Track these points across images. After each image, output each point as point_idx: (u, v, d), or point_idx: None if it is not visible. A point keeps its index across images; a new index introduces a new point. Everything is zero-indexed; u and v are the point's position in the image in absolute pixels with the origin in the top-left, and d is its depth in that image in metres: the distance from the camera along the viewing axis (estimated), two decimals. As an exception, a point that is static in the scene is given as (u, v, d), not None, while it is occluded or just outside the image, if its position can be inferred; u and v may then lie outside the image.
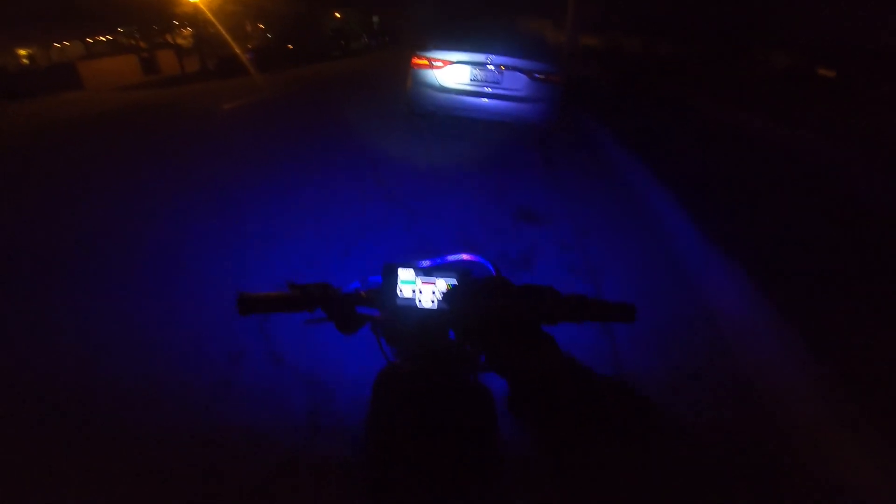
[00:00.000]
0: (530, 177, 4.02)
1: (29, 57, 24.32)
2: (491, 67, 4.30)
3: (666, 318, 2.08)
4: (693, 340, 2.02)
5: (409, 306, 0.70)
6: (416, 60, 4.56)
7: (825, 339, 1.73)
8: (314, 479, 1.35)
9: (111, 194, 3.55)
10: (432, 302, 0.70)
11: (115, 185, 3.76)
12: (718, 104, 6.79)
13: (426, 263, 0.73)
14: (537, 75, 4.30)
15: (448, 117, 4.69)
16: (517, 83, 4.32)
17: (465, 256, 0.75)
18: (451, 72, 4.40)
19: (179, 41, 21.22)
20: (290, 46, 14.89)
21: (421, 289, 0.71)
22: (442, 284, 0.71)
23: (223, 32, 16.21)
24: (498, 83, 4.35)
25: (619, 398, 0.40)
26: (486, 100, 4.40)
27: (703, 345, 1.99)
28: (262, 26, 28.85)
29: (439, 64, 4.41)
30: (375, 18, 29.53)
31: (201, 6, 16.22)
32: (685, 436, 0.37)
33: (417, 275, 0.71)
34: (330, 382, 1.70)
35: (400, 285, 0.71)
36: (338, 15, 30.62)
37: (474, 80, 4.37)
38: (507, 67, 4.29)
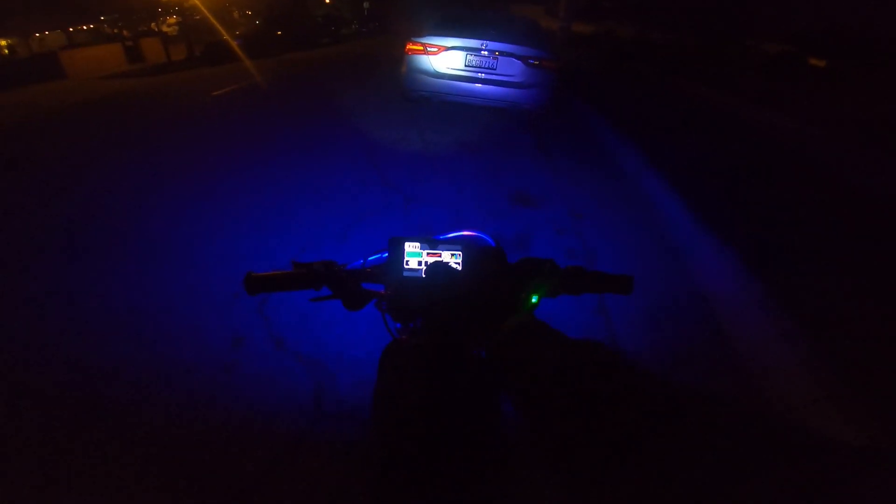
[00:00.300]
0: (525, 160, 4.03)
1: (9, 47, 23.59)
2: (485, 53, 4.27)
3: (658, 294, 2.13)
4: (684, 314, 2.07)
5: (415, 277, 0.71)
6: (410, 46, 4.51)
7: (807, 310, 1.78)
8: (319, 462, 1.36)
9: (101, 182, 3.49)
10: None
11: (103, 172, 3.70)
12: (709, 91, 6.81)
13: (430, 238, 0.74)
14: (532, 61, 4.28)
15: (443, 103, 4.66)
16: (512, 69, 4.30)
17: (465, 232, 0.76)
18: (446, 58, 4.36)
19: (164, 29, 20.68)
20: (279, 33, 14.52)
21: (427, 261, 0.72)
22: (447, 257, 0.73)
23: (210, 18, 15.83)
24: (493, 69, 4.32)
25: (590, 358, 0.42)
26: (480, 85, 4.38)
27: (694, 318, 2.04)
28: (249, 12, 28.15)
29: (434, 50, 4.37)
30: (366, 4, 28.94)
31: (186, -8, 15.83)
32: (658, 393, 0.38)
33: (423, 248, 0.72)
34: (332, 365, 1.72)
35: (406, 258, 0.72)
36: (327, 0, 29.99)
37: (469, 66, 4.34)
38: (501, 53, 4.26)
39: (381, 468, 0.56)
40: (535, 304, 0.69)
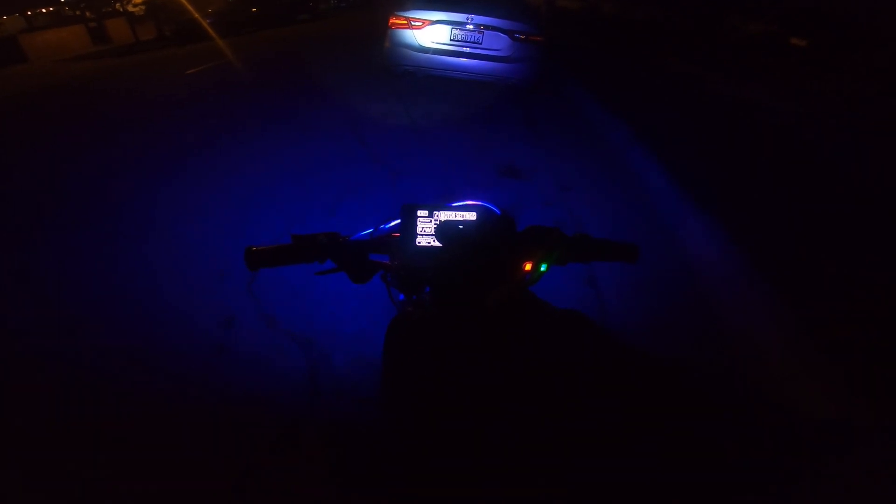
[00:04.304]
0: (511, 134, 4.00)
1: (-37, 33, 22.05)
2: (471, 27, 4.18)
3: (646, 262, 2.15)
4: (668, 282, 2.11)
5: (429, 246, 0.69)
6: (394, 20, 4.37)
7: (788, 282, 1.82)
8: (319, 441, 1.35)
9: (76, 162, 3.33)
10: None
11: (79, 152, 3.52)
12: (691, 68, 6.83)
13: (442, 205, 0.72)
14: (518, 35, 4.20)
15: (428, 78, 4.57)
16: (498, 43, 4.22)
17: (470, 202, 0.74)
18: (431, 32, 4.25)
19: (130, 9, 19.62)
20: (253, 10, 13.88)
21: (441, 219, 0.70)
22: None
23: (179, -3, 15.04)
24: (478, 43, 4.23)
25: (571, 327, 0.42)
26: (466, 59, 4.29)
27: (678, 286, 2.08)
28: (221, -10, 26.73)
29: (418, 24, 4.25)
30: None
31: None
32: (635, 363, 0.39)
33: (435, 214, 0.70)
34: (325, 342, 1.70)
35: (419, 224, 0.69)
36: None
37: (454, 40, 4.24)
38: (487, 27, 4.17)
39: (392, 444, 0.54)
40: (543, 273, 0.68)
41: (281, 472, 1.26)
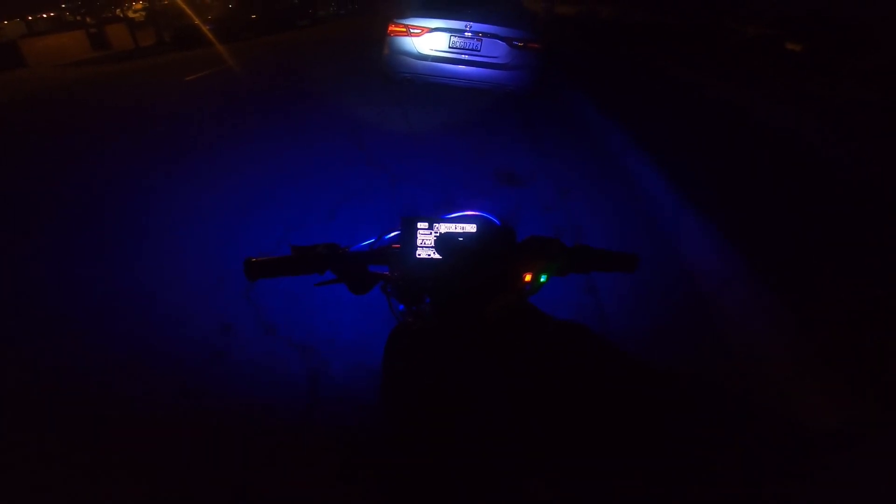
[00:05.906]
0: (509, 140, 4.01)
1: (-36, 37, 22.11)
2: (469, 35, 4.20)
3: (645, 269, 2.15)
4: (669, 287, 2.11)
5: (429, 258, 0.69)
6: (392, 28, 4.39)
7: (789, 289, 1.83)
8: (320, 446, 1.34)
9: (73, 168, 3.33)
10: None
11: (76, 157, 3.53)
12: (686, 70, 6.88)
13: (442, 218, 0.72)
14: (516, 42, 4.23)
15: (427, 84, 4.59)
16: (497, 50, 4.24)
17: (469, 212, 0.74)
18: (430, 39, 4.27)
19: (130, 14, 19.75)
20: (253, 16, 13.99)
21: (441, 231, 0.70)
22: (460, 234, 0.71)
23: (179, 2, 15.13)
24: (477, 50, 4.25)
25: (572, 337, 0.42)
26: (464, 67, 4.31)
27: (676, 292, 2.08)
28: (221, -4, 26.89)
29: (417, 31, 4.27)
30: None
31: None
32: (636, 374, 0.39)
33: (435, 226, 0.70)
34: (324, 349, 1.69)
35: (418, 237, 0.69)
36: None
37: (453, 48, 4.26)
38: (485, 35, 4.19)
39: (392, 453, 0.54)
40: (543, 283, 0.68)
41: (280, 479, 1.26)
